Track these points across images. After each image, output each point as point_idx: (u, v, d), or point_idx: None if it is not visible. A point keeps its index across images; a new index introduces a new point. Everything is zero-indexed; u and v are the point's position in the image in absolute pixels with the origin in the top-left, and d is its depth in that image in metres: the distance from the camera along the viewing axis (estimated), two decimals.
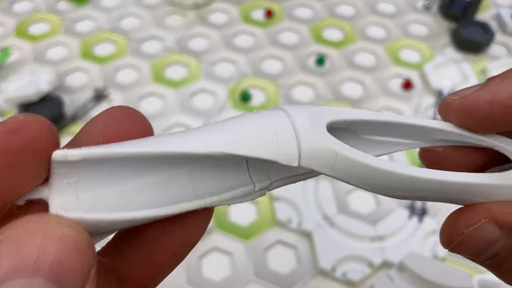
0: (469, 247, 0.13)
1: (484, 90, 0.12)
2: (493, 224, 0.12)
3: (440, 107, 0.14)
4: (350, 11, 0.64)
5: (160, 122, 0.50)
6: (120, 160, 0.12)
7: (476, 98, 0.12)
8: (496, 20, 0.63)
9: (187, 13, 0.63)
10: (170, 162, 0.12)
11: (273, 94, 0.53)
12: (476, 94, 0.12)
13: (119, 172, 0.12)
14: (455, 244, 0.13)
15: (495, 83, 0.12)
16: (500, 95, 0.12)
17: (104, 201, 0.11)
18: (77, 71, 0.55)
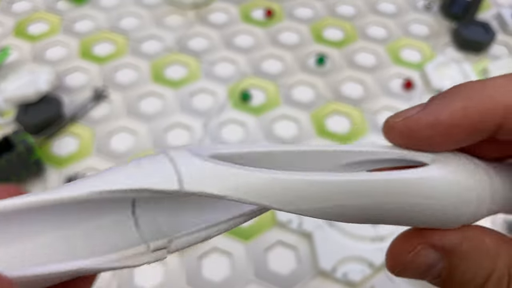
0: (412, 272, 0.13)
1: (425, 112, 0.12)
2: (431, 249, 0.13)
3: (384, 129, 0.13)
4: (351, 11, 0.64)
5: (160, 122, 0.50)
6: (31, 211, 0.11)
7: (417, 120, 0.12)
8: (497, 20, 0.63)
9: (187, 12, 0.63)
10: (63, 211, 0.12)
11: (273, 94, 0.53)
12: (418, 116, 0.12)
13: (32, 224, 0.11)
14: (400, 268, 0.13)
15: (435, 104, 0.12)
16: (440, 116, 0.12)
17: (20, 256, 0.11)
18: (76, 71, 0.55)
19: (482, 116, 0.12)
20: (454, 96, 0.12)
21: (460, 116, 0.12)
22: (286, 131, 0.50)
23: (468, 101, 0.12)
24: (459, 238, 0.12)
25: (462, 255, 0.12)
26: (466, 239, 0.12)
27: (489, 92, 0.12)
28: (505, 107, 0.12)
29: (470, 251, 0.12)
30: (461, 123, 0.12)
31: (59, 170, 0.45)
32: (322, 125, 0.50)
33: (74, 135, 0.48)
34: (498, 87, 0.12)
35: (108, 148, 0.47)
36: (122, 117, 0.50)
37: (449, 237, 0.12)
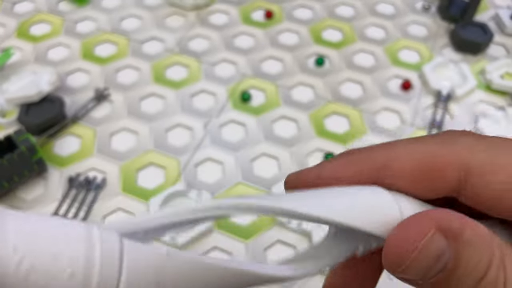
0: (421, 264, 0.12)
1: (312, 168, 0.15)
2: (441, 233, 0.12)
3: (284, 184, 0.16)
4: (350, 12, 0.64)
5: (161, 122, 0.50)
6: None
7: (306, 174, 0.15)
8: (494, 21, 0.64)
9: (188, 14, 0.63)
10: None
11: (273, 94, 0.53)
12: (306, 171, 0.15)
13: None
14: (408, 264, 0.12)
15: (322, 163, 0.15)
16: (324, 170, 0.15)
17: None
18: (78, 71, 0.55)
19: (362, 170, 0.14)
20: (337, 158, 0.15)
21: (341, 170, 0.14)
22: (285, 131, 0.50)
23: (350, 160, 0.14)
24: (461, 222, 0.12)
25: (467, 241, 0.12)
26: (466, 223, 0.12)
27: (367, 153, 0.14)
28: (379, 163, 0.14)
29: (472, 237, 0.12)
30: (341, 175, 0.14)
31: (61, 170, 0.46)
32: (321, 126, 0.51)
33: (75, 135, 0.49)
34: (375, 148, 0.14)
35: (109, 148, 0.48)
36: (123, 118, 0.51)
37: (454, 220, 0.12)
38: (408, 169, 0.13)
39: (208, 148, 0.48)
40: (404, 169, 0.13)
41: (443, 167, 0.13)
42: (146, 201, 0.44)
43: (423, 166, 0.13)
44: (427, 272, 0.12)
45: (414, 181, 0.13)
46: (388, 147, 0.14)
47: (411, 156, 0.14)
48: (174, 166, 0.47)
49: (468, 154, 0.13)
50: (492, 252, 0.12)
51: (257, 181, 0.46)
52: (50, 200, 0.44)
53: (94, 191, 0.44)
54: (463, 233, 0.12)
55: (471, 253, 0.12)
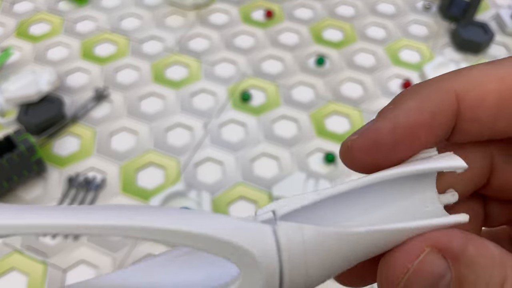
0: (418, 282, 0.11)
1: (381, 121, 0.12)
2: (436, 253, 0.11)
3: (342, 153, 0.12)
4: (350, 12, 0.64)
5: (161, 122, 0.50)
6: None
7: (377, 129, 0.12)
8: (495, 21, 0.63)
9: (187, 13, 0.63)
10: None
11: (273, 94, 0.53)
12: (375, 126, 0.12)
13: None
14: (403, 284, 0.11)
15: (389, 110, 0.12)
16: (398, 119, 0.11)
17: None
18: (77, 71, 0.55)
19: (437, 107, 0.11)
20: (404, 99, 0.12)
21: (416, 113, 0.11)
22: (286, 131, 0.50)
23: (421, 96, 0.12)
24: (463, 240, 0.11)
25: (470, 261, 0.10)
26: (471, 241, 0.11)
27: (439, 83, 0.12)
28: (457, 93, 0.11)
29: (477, 256, 0.10)
30: (419, 120, 0.11)
31: (60, 170, 0.46)
32: (321, 125, 0.50)
33: (75, 135, 0.49)
34: (448, 76, 0.12)
35: (109, 148, 0.48)
36: (123, 117, 0.50)
37: (455, 239, 0.11)
38: (490, 97, 0.11)
39: (208, 148, 0.48)
40: (484, 97, 0.11)
41: None
42: (146, 201, 0.44)
43: (507, 91, 0.11)
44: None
45: (497, 113, 0.11)
46: (461, 73, 0.12)
47: (490, 80, 0.11)
48: (174, 166, 0.46)
49: None
50: (505, 272, 0.10)
51: (257, 181, 0.45)
52: (49, 200, 0.44)
53: (93, 191, 0.44)
54: (465, 252, 0.10)
55: (477, 274, 0.10)
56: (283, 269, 0.10)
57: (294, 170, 0.47)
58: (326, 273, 0.11)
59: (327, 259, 0.11)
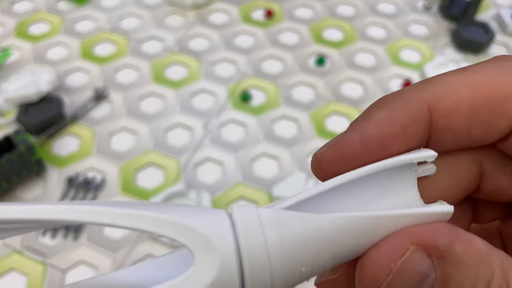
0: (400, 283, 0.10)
1: (350, 132, 0.11)
2: (421, 251, 0.10)
3: (312, 165, 0.12)
4: (350, 11, 0.64)
5: (160, 122, 0.50)
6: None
7: (346, 142, 0.11)
8: (496, 20, 0.63)
9: (187, 13, 0.63)
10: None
11: (273, 94, 0.53)
12: (345, 138, 0.11)
13: None
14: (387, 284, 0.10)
15: (359, 122, 0.12)
16: (368, 131, 0.11)
17: None
18: (77, 71, 0.55)
19: (409, 118, 0.11)
20: (374, 110, 0.12)
21: (387, 124, 0.11)
22: (286, 131, 0.50)
23: (392, 107, 0.11)
24: (450, 237, 0.10)
25: (456, 260, 0.10)
26: (457, 238, 0.10)
27: (411, 94, 0.11)
28: (428, 104, 0.11)
29: (463, 255, 0.10)
30: (390, 131, 0.11)
31: (60, 170, 0.46)
32: (322, 125, 0.50)
33: (74, 135, 0.49)
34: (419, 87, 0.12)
35: (108, 148, 0.48)
36: (122, 117, 0.50)
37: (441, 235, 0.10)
38: (462, 105, 0.11)
39: (208, 148, 0.48)
40: (457, 106, 0.11)
41: (505, 97, 0.11)
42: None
43: (480, 99, 0.11)
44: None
45: (471, 120, 0.11)
46: (432, 83, 0.11)
47: (463, 88, 0.11)
48: (174, 166, 0.46)
49: None
50: (492, 271, 0.10)
51: (257, 182, 0.45)
52: (49, 200, 0.44)
53: (93, 191, 0.44)
54: (451, 250, 0.10)
55: (464, 273, 0.10)
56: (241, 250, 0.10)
57: (294, 170, 0.47)
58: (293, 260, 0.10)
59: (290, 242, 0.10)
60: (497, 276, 0.10)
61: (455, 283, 0.10)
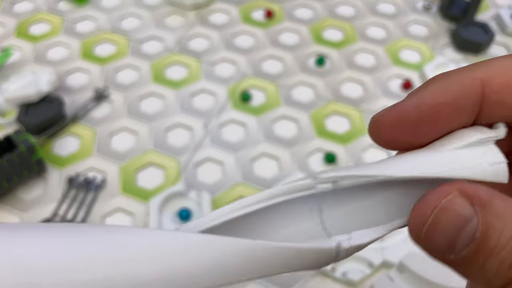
0: (443, 226, 0.11)
1: (407, 98, 0.13)
2: (464, 198, 0.11)
3: (370, 128, 0.13)
4: (350, 12, 0.64)
5: (161, 122, 0.50)
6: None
7: (402, 107, 0.13)
8: (495, 21, 0.63)
9: (187, 13, 0.63)
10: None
11: (273, 94, 0.53)
12: (401, 103, 0.13)
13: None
14: (428, 227, 0.11)
15: (416, 91, 0.13)
16: (424, 98, 0.12)
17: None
18: (77, 71, 0.55)
19: (462, 91, 0.12)
20: (433, 81, 0.13)
21: (441, 94, 0.12)
22: (286, 131, 0.50)
23: (447, 81, 0.13)
24: (490, 193, 0.11)
25: (497, 211, 0.11)
26: (497, 195, 0.11)
27: (465, 72, 0.13)
28: (482, 80, 0.12)
29: (503, 207, 0.11)
30: (444, 101, 0.12)
31: (60, 170, 0.46)
32: (321, 125, 0.50)
33: (75, 135, 0.49)
34: (472, 67, 0.13)
35: (109, 148, 0.48)
36: (123, 117, 0.50)
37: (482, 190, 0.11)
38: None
39: (208, 148, 0.48)
40: (509, 82, 0.12)
41: None
42: (146, 201, 0.44)
43: None
44: (452, 242, 0.11)
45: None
46: (484, 64, 0.13)
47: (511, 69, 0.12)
48: (174, 166, 0.46)
49: None
50: None
51: (257, 182, 0.45)
52: (49, 200, 0.44)
53: (93, 191, 0.44)
54: (492, 203, 0.11)
55: (504, 223, 0.10)
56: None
57: (294, 170, 0.47)
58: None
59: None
60: None
61: (495, 231, 0.11)
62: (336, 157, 0.47)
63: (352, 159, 0.48)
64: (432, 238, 0.11)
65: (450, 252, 0.11)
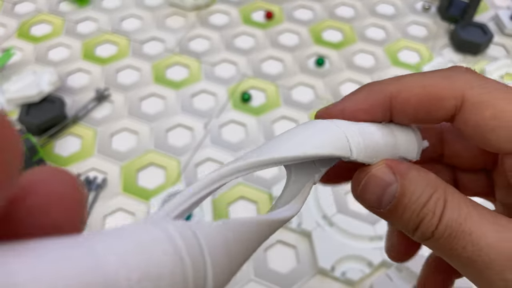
0: (372, 187, 0.16)
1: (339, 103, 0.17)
2: (388, 168, 0.16)
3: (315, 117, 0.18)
4: (350, 13, 0.65)
5: (161, 122, 0.50)
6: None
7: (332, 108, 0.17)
8: (494, 21, 0.64)
9: (188, 14, 0.63)
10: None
11: (273, 95, 0.54)
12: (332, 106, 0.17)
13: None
14: (361, 187, 0.16)
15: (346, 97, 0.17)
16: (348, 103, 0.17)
17: None
18: (78, 72, 0.56)
19: (377, 101, 0.16)
20: (360, 90, 0.17)
21: (362, 101, 0.17)
22: None
23: (367, 91, 0.17)
24: (408, 167, 0.16)
25: (412, 178, 0.15)
26: (414, 168, 0.16)
27: (382, 85, 0.17)
28: (391, 93, 0.16)
29: (416, 176, 0.15)
30: (362, 107, 0.16)
31: None
32: None
33: (76, 136, 0.49)
34: (388, 81, 0.17)
35: (110, 148, 0.48)
36: (123, 118, 0.51)
37: (402, 165, 0.16)
38: (413, 98, 0.16)
39: (208, 148, 0.48)
40: (409, 98, 0.16)
41: (442, 97, 0.16)
42: (147, 201, 0.44)
43: (425, 96, 0.16)
44: (379, 199, 0.16)
45: (417, 108, 0.16)
46: (399, 79, 0.16)
47: (415, 87, 0.16)
48: (174, 166, 0.47)
49: (465, 88, 0.15)
50: (434, 189, 0.15)
51: (258, 182, 0.46)
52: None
53: (94, 191, 0.44)
54: (408, 173, 0.15)
55: (415, 188, 0.15)
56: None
57: None
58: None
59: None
60: (438, 192, 0.15)
61: (408, 191, 0.15)
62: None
63: None
64: (365, 196, 0.16)
65: (379, 207, 0.16)
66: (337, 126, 0.15)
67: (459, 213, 0.15)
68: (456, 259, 0.15)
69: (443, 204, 0.15)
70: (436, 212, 0.15)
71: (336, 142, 0.15)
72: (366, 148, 0.15)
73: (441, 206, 0.15)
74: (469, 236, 0.14)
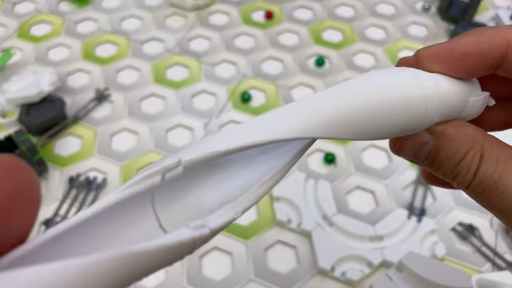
0: (408, 144, 0.17)
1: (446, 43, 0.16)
2: (426, 130, 0.16)
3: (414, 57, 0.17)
4: (350, 13, 0.65)
5: (161, 122, 0.50)
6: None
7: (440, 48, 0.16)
8: (494, 21, 0.64)
9: (188, 14, 0.63)
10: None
11: (273, 95, 0.54)
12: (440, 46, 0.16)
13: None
14: (399, 144, 0.17)
15: (456, 38, 0.16)
16: (457, 45, 0.16)
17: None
18: (78, 72, 0.56)
19: (490, 45, 0.15)
20: (469, 33, 0.16)
21: (472, 45, 0.16)
22: None
23: (480, 36, 0.16)
24: (446, 125, 0.16)
25: (448, 136, 0.16)
26: (452, 125, 0.16)
27: (497, 31, 0.16)
28: (508, 41, 0.15)
29: (454, 133, 0.16)
30: (472, 51, 0.15)
31: (61, 170, 0.46)
32: None
33: (76, 136, 0.49)
34: (505, 28, 0.16)
35: (110, 149, 0.48)
36: (123, 118, 0.51)
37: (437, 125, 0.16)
38: None
39: None
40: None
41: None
42: None
43: None
44: (416, 154, 0.17)
45: None
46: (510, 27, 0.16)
47: None
48: None
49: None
50: (471, 145, 0.15)
51: None
52: (50, 200, 0.44)
53: (94, 191, 0.44)
54: (444, 132, 0.16)
55: (450, 145, 0.16)
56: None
57: (294, 170, 0.47)
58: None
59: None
60: (474, 149, 0.15)
61: (443, 149, 0.16)
62: (335, 157, 0.47)
63: (351, 159, 0.48)
64: (401, 151, 0.17)
65: (416, 161, 0.17)
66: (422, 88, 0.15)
67: (494, 169, 0.15)
68: (491, 210, 0.15)
69: (479, 160, 0.15)
70: (470, 169, 0.15)
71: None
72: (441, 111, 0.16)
73: (476, 162, 0.15)
74: (502, 194, 0.15)
